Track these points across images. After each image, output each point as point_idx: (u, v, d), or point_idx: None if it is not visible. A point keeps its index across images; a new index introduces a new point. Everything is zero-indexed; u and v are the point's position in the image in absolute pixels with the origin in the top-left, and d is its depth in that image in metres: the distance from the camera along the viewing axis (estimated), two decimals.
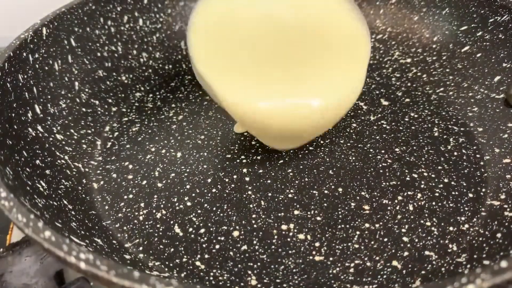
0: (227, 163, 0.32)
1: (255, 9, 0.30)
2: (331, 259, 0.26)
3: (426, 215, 0.28)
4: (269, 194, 0.30)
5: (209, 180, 0.31)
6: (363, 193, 0.29)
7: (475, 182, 0.29)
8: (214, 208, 0.29)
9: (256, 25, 0.30)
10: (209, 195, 0.30)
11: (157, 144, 0.34)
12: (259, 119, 0.28)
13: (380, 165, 0.31)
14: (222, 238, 0.27)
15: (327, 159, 0.32)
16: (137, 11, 0.40)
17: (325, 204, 0.29)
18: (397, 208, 0.28)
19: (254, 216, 0.28)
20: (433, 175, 0.30)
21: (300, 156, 0.32)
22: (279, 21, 0.30)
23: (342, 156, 0.32)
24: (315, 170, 0.31)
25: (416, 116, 0.35)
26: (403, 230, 0.27)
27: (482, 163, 0.31)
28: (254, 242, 0.27)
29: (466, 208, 0.28)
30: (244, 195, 0.30)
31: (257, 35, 0.29)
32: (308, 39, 0.29)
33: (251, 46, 0.29)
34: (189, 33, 0.29)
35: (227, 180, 0.31)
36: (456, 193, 0.29)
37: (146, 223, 0.28)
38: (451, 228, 0.27)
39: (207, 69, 0.28)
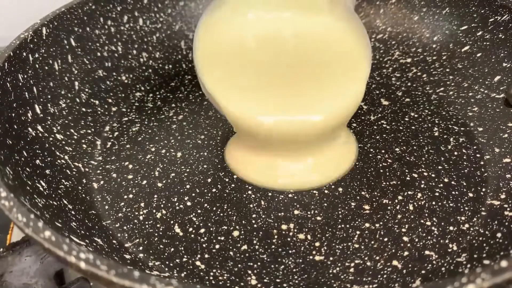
0: None
1: (257, 28, 0.31)
2: (331, 258, 0.26)
3: (426, 214, 0.28)
4: (269, 194, 0.30)
5: (209, 180, 0.31)
6: (363, 192, 0.29)
7: (475, 182, 0.29)
8: (214, 208, 0.29)
9: (258, 43, 0.31)
10: (209, 195, 0.30)
11: (157, 144, 0.34)
12: (260, 131, 0.29)
13: (380, 165, 0.31)
14: (222, 238, 0.27)
15: None
16: (137, 11, 0.40)
17: (325, 204, 0.29)
18: (397, 207, 0.28)
19: (254, 216, 0.28)
20: (433, 175, 0.30)
21: None
22: (280, 38, 0.31)
23: None
24: None
25: (416, 116, 0.35)
26: (403, 230, 0.27)
27: (482, 162, 0.31)
28: (254, 241, 0.27)
29: (466, 208, 0.28)
30: (244, 195, 0.30)
31: (259, 52, 0.30)
32: (309, 56, 0.30)
33: (254, 64, 0.30)
34: (195, 51, 0.30)
35: (227, 180, 0.31)
36: (456, 192, 0.29)
37: (146, 223, 0.28)
38: (451, 228, 0.27)
39: (214, 85, 0.29)
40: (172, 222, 0.28)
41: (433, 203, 0.28)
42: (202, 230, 0.27)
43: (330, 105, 0.29)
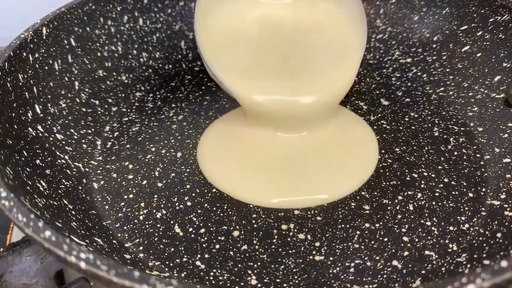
0: None
1: (258, 11, 0.33)
2: (331, 258, 0.26)
3: (426, 214, 0.28)
4: None
5: (209, 180, 0.31)
6: (363, 192, 0.29)
7: (475, 182, 0.29)
8: (214, 208, 0.29)
9: (259, 25, 0.33)
10: (209, 195, 0.30)
11: (157, 144, 0.34)
12: (255, 108, 0.31)
13: (380, 165, 0.31)
14: (222, 238, 0.27)
15: None
16: (137, 11, 0.40)
17: (325, 204, 0.29)
18: (397, 207, 0.28)
19: (254, 216, 0.28)
20: (433, 175, 0.30)
21: None
22: (280, 21, 0.33)
23: None
24: None
25: (416, 116, 0.35)
26: (403, 230, 0.27)
27: (482, 162, 0.31)
28: (254, 242, 0.27)
29: (466, 208, 0.28)
30: None
31: (259, 34, 0.32)
32: (306, 40, 0.32)
33: (254, 45, 0.32)
34: (197, 32, 0.31)
35: None
36: (456, 192, 0.29)
37: (146, 223, 0.28)
38: (451, 228, 0.27)
39: (217, 66, 0.31)
40: (172, 222, 0.28)
41: (433, 203, 0.28)
42: (202, 230, 0.27)
43: (321, 87, 0.30)
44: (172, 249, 0.26)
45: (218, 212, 0.29)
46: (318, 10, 0.33)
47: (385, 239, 0.26)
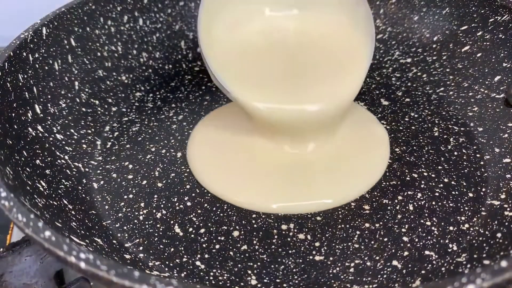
0: None
1: (263, 19, 0.33)
2: (331, 258, 0.26)
3: (426, 214, 0.28)
4: None
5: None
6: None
7: (475, 182, 0.29)
8: (214, 208, 0.29)
9: (265, 34, 0.32)
10: (209, 195, 0.30)
11: (157, 144, 0.34)
12: (258, 116, 0.30)
13: None
14: (222, 238, 0.27)
15: None
16: (137, 11, 0.40)
17: None
18: (397, 207, 0.28)
19: (254, 216, 0.28)
20: (433, 175, 0.30)
21: None
22: (285, 29, 0.33)
23: None
24: None
25: (416, 116, 0.35)
26: (403, 230, 0.27)
27: (482, 162, 0.31)
28: (254, 242, 0.27)
29: (466, 208, 0.28)
30: None
31: (265, 42, 0.32)
32: (311, 48, 0.32)
33: (259, 54, 0.32)
34: (201, 40, 0.31)
35: None
36: (456, 192, 0.29)
37: (146, 223, 0.28)
38: (451, 228, 0.27)
39: (221, 73, 0.30)
40: (172, 222, 0.28)
41: (433, 203, 0.28)
42: (202, 230, 0.27)
43: (326, 96, 0.30)
44: (172, 249, 0.26)
45: (218, 212, 0.29)
46: (324, 20, 0.32)
47: (385, 239, 0.26)
